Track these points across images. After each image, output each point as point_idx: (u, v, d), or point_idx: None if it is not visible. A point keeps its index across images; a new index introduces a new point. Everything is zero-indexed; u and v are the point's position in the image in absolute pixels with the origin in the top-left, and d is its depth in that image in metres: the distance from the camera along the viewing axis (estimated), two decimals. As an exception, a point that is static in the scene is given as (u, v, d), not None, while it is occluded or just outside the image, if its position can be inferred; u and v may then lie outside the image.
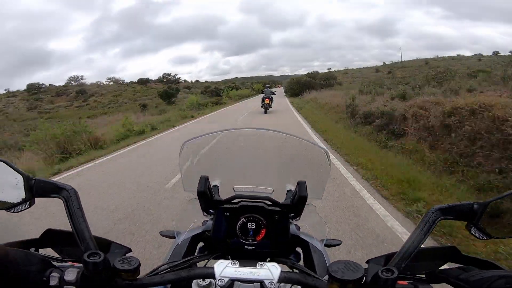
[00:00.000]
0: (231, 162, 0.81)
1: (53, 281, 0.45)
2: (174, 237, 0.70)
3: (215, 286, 0.57)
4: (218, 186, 0.74)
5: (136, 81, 76.07)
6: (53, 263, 0.49)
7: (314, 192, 0.69)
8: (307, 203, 0.66)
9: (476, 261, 0.51)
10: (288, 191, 0.73)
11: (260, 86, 51.18)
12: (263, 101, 15.13)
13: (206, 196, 0.65)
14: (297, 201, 0.64)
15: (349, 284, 0.41)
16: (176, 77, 77.89)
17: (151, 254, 2.42)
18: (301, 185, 0.64)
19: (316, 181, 0.71)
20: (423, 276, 0.52)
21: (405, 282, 0.48)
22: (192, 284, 0.59)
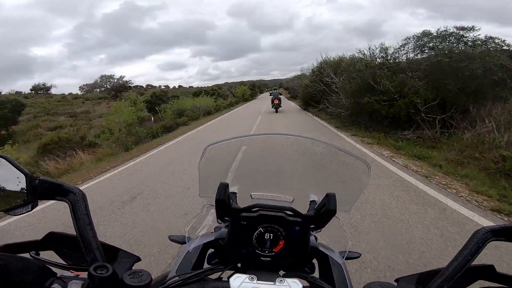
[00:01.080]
0: (252, 168, 0.77)
1: None
2: (184, 243, 0.66)
3: None
4: (236, 193, 0.70)
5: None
6: (55, 270, 0.45)
7: (342, 205, 0.64)
8: None
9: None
10: (311, 201, 0.69)
11: (246, 89, 43.41)
12: (272, 101, 17.28)
13: (225, 203, 0.61)
14: (323, 214, 0.60)
15: None
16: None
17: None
18: (330, 197, 0.59)
19: (346, 194, 0.67)
20: None
21: None
22: None
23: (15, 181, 0.47)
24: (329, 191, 0.60)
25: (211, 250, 0.69)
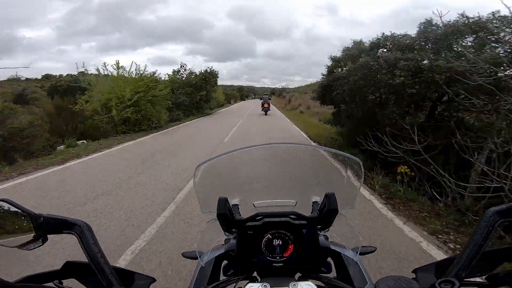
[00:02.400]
0: (249, 178, 0.78)
1: None
2: (196, 258, 0.65)
3: None
4: (238, 205, 0.71)
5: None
6: None
7: (345, 202, 0.65)
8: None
9: None
10: (313, 202, 0.70)
11: (239, 94, 53.12)
12: (262, 105, 20.47)
13: (227, 217, 0.62)
14: (326, 214, 0.61)
15: None
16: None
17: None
18: (329, 197, 0.60)
19: (346, 191, 0.68)
20: (483, 281, 0.47)
21: None
22: None
23: (21, 222, 0.49)
24: (328, 190, 0.61)
25: (225, 262, 0.69)
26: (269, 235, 0.60)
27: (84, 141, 9.41)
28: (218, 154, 0.68)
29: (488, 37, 4.44)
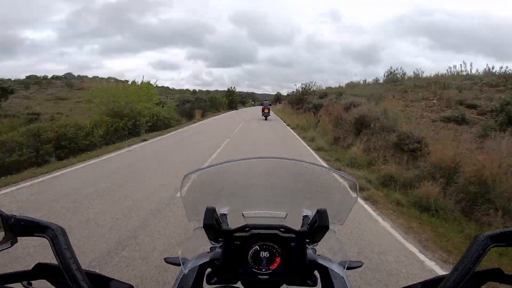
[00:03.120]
0: (239, 188, 0.75)
1: None
2: (179, 265, 0.64)
3: None
4: (226, 214, 0.69)
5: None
6: None
7: (335, 218, 0.64)
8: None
9: None
10: (304, 216, 0.69)
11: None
12: (263, 110, 21.24)
13: (214, 227, 0.60)
14: (317, 230, 0.60)
15: None
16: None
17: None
18: (321, 213, 0.59)
19: (338, 209, 0.67)
20: None
21: None
22: None
23: None
24: (320, 206, 0.60)
25: (209, 270, 0.66)
26: (256, 246, 0.59)
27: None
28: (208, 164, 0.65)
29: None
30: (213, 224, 0.59)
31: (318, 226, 0.59)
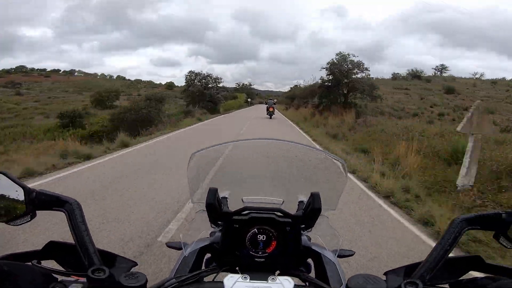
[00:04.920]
0: (240, 173, 0.80)
1: None
2: (181, 249, 0.67)
3: None
4: (227, 198, 0.73)
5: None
6: (56, 276, 0.47)
7: (328, 203, 0.67)
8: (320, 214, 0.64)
9: (502, 270, 0.50)
10: (300, 202, 0.72)
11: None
12: (268, 109, 21.24)
13: (215, 208, 0.63)
14: (310, 213, 0.63)
15: None
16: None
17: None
18: (314, 196, 0.62)
19: (330, 192, 0.70)
20: (447, 286, 0.50)
21: None
22: None
23: (14, 194, 0.49)
24: (314, 190, 0.63)
25: (208, 255, 0.70)
26: (254, 229, 0.62)
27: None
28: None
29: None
30: (215, 204, 0.62)
31: (311, 208, 0.62)
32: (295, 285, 0.47)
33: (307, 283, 0.57)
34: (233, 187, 0.75)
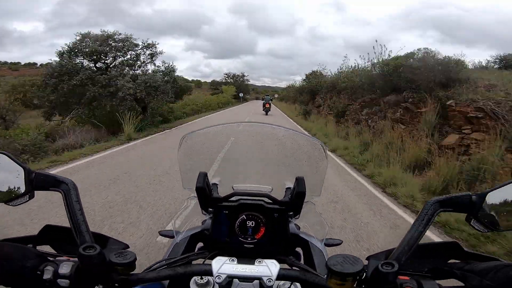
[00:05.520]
0: (231, 160, 0.81)
1: (47, 275, 0.44)
2: (173, 237, 0.69)
3: (213, 285, 0.56)
4: (217, 184, 0.74)
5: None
6: (49, 258, 0.48)
7: (312, 189, 0.69)
8: (306, 201, 0.66)
9: (479, 257, 0.51)
10: (287, 188, 0.73)
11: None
12: (264, 105, 20.35)
13: (205, 193, 0.64)
14: (296, 198, 0.64)
15: (348, 277, 0.41)
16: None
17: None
18: (299, 180, 0.64)
19: (314, 177, 0.72)
20: (426, 274, 0.51)
21: (406, 277, 0.47)
22: (190, 282, 0.58)
23: (15, 174, 0.51)
24: (299, 175, 0.65)
25: (200, 244, 0.71)
26: (243, 216, 0.63)
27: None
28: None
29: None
30: (204, 188, 0.63)
31: (296, 192, 0.63)
32: (280, 268, 0.49)
33: (293, 268, 0.59)
34: (224, 174, 0.76)
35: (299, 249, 0.73)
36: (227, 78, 61.81)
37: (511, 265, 0.43)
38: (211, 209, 0.67)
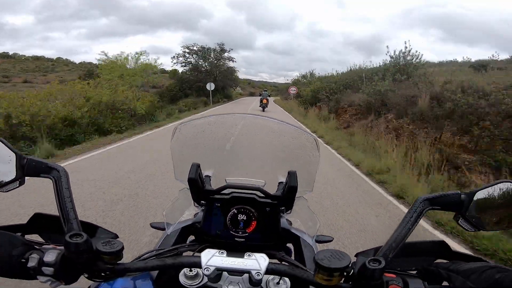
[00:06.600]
0: (224, 153, 0.80)
1: (32, 262, 0.43)
2: (164, 229, 0.68)
3: (202, 278, 0.56)
4: (210, 176, 0.73)
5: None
6: (36, 246, 0.47)
7: (304, 184, 0.69)
8: (298, 196, 0.66)
9: (466, 257, 0.52)
10: (279, 183, 0.73)
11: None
12: (261, 101, 19.71)
13: (197, 184, 0.64)
14: (288, 192, 0.64)
15: (335, 272, 0.41)
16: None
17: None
18: (291, 175, 0.64)
19: (306, 171, 0.71)
20: (413, 272, 0.51)
21: (393, 275, 0.47)
22: (179, 274, 0.58)
23: (7, 159, 0.51)
24: (291, 170, 0.65)
25: (191, 237, 0.71)
26: (234, 210, 0.63)
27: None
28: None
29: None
30: (196, 179, 0.63)
31: (288, 186, 0.63)
32: (269, 262, 0.48)
33: (282, 263, 0.59)
34: (217, 167, 0.76)
35: (290, 245, 0.73)
36: (187, 54, 32.41)
37: (496, 267, 0.43)
38: (203, 202, 0.66)
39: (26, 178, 0.52)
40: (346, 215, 3.50)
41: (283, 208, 0.66)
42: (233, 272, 0.50)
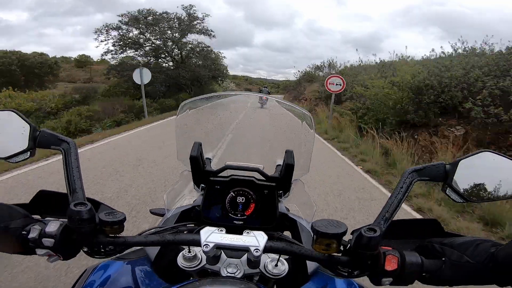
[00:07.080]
0: (226, 136, 0.82)
1: (33, 233, 0.44)
2: (163, 215, 0.70)
3: (201, 260, 0.56)
4: (210, 159, 0.74)
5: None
6: (39, 219, 0.48)
7: (301, 165, 0.70)
8: (295, 179, 0.67)
9: (458, 237, 0.51)
10: (277, 165, 0.74)
11: None
12: (260, 98, 19.29)
13: (198, 164, 0.65)
14: (285, 171, 0.65)
15: (333, 239, 0.42)
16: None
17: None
18: (288, 154, 0.65)
19: (302, 152, 0.73)
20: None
21: (389, 247, 0.47)
22: (177, 257, 0.57)
23: (21, 130, 0.53)
24: (288, 148, 0.66)
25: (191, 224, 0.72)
26: (233, 192, 0.64)
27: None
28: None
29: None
30: (198, 158, 0.64)
31: (285, 164, 0.64)
32: (268, 239, 0.48)
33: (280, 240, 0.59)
34: (218, 150, 0.78)
35: (288, 233, 0.73)
36: (123, 25, 19.41)
37: (490, 241, 0.44)
38: (203, 185, 0.67)
39: (37, 149, 0.54)
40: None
41: (280, 192, 0.68)
42: (232, 249, 0.50)
